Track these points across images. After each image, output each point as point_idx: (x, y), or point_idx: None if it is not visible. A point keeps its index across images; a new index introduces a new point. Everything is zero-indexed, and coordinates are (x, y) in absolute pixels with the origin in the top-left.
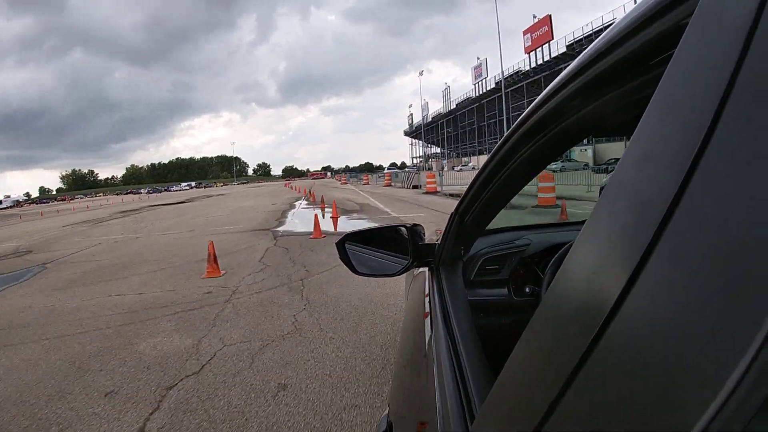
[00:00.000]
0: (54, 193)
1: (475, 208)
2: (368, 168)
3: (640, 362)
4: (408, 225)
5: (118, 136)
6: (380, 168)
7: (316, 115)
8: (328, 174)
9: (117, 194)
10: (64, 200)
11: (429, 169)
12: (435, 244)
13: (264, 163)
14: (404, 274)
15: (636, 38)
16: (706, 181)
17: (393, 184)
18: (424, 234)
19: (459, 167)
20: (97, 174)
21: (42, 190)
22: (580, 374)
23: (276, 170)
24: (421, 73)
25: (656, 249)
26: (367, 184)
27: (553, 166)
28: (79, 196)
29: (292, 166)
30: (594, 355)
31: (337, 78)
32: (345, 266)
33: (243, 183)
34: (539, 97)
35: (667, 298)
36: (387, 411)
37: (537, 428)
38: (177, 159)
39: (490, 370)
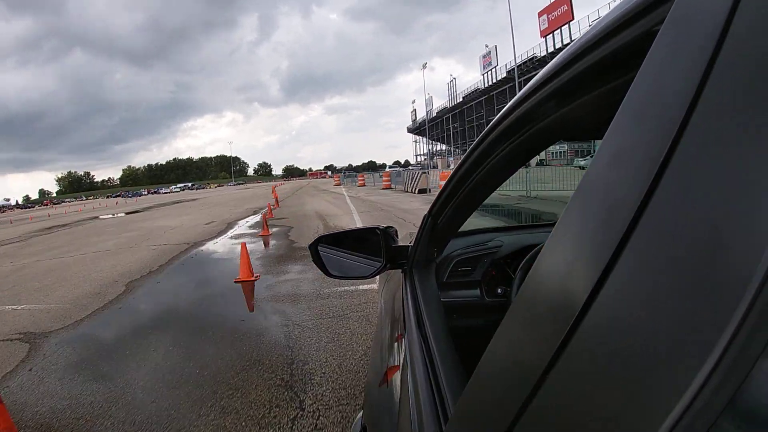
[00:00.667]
0: (54, 195)
1: (448, 210)
2: (371, 167)
3: (610, 360)
4: (381, 227)
5: (120, 137)
6: (383, 167)
7: (320, 114)
8: (329, 173)
9: (108, 197)
10: (47, 205)
11: (434, 167)
12: (408, 246)
13: (265, 163)
14: (378, 277)
15: (609, 43)
16: (675, 182)
17: (393, 186)
18: (397, 236)
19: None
20: (93, 176)
21: (42, 192)
22: (551, 373)
23: (277, 170)
24: (424, 66)
25: (626, 249)
26: (363, 185)
27: (581, 162)
28: (69, 200)
29: (292, 166)
30: (565, 354)
31: (340, 77)
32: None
33: (239, 184)
34: (513, 100)
35: (636, 297)
36: (361, 413)
37: (510, 427)
38: (174, 159)
39: (463, 370)
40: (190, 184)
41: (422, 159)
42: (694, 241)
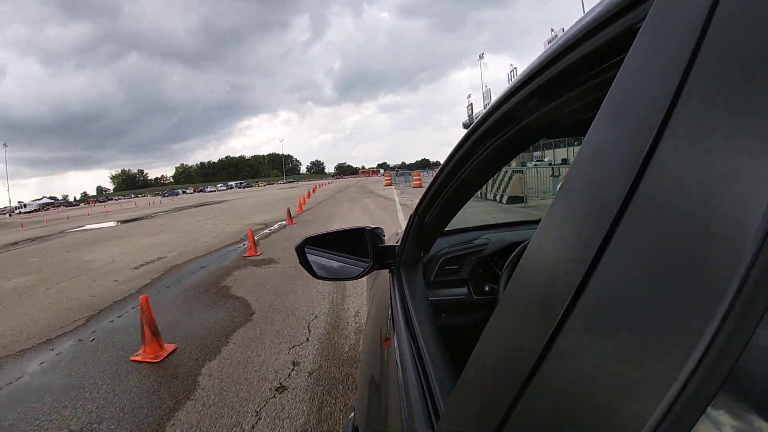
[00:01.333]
0: (111, 191)
1: (435, 209)
2: (424, 164)
3: (598, 355)
4: (368, 227)
5: (177, 136)
6: (437, 165)
7: (373, 113)
8: (381, 171)
9: (156, 194)
10: (90, 204)
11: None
12: (395, 246)
13: (317, 161)
14: (366, 277)
15: (591, 41)
16: (657, 178)
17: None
18: (384, 236)
19: (533, 163)
20: (146, 174)
21: (99, 189)
22: (540, 369)
23: (330, 168)
24: (481, 57)
25: (610, 244)
26: (419, 186)
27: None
28: (117, 197)
29: (344, 164)
30: (553, 349)
31: (392, 75)
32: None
33: (290, 182)
34: (496, 99)
35: (621, 292)
36: (353, 415)
37: (500, 424)
38: (227, 157)
39: (453, 368)
40: (235, 183)
41: None
42: (677, 236)
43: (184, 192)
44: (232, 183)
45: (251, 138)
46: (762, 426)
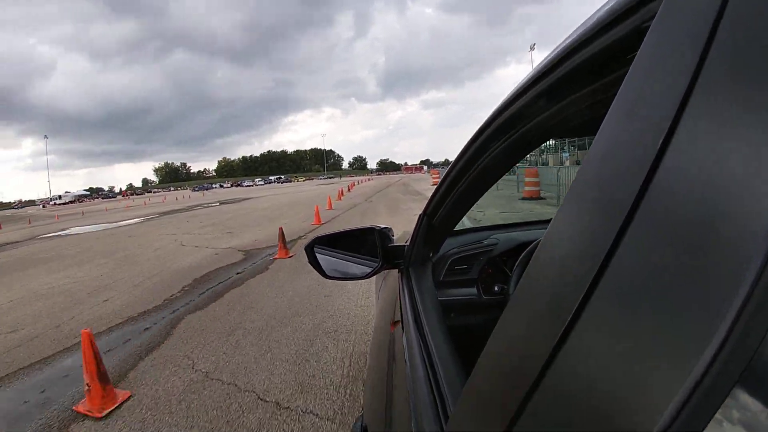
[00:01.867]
0: (156, 183)
1: (444, 209)
2: None
3: (609, 356)
4: (378, 227)
5: (222, 131)
6: None
7: (416, 110)
8: (425, 168)
9: (194, 189)
10: (125, 195)
11: (544, 164)
12: (404, 245)
13: (360, 157)
14: (375, 277)
15: (600, 40)
16: (668, 177)
17: (544, 194)
18: (393, 236)
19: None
20: (189, 167)
21: (144, 181)
22: (550, 370)
23: (372, 164)
24: (532, 48)
25: (621, 244)
26: None
27: None
28: (157, 190)
29: (387, 160)
30: (563, 350)
31: (436, 71)
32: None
33: (330, 177)
34: (505, 98)
35: (633, 292)
36: (361, 414)
37: (510, 425)
38: (269, 152)
39: (462, 369)
40: (274, 178)
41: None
42: (689, 236)
43: (221, 186)
44: (272, 178)
45: (295, 133)
46: None
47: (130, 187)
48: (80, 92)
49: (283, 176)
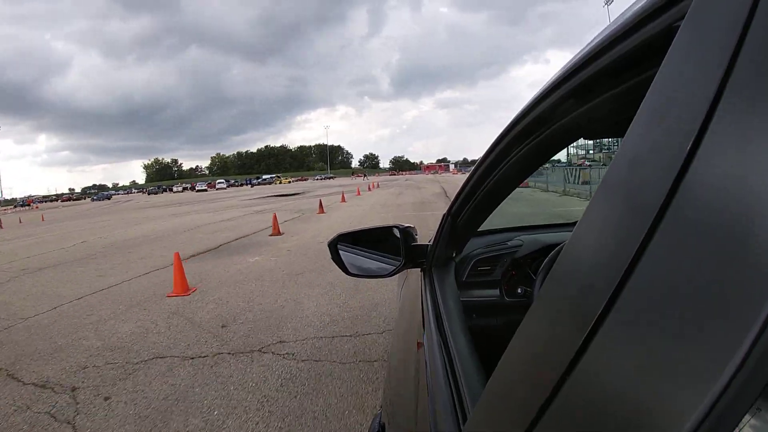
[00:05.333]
0: (143, 183)
1: (468, 209)
2: None
3: (632, 362)
4: (401, 226)
5: (238, 128)
6: None
7: (431, 109)
8: (450, 166)
9: (93, 198)
10: (29, 205)
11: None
12: (427, 245)
13: (371, 154)
14: (397, 275)
15: (629, 40)
16: (698, 182)
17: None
18: (416, 234)
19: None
20: (181, 164)
21: (132, 183)
22: (572, 375)
23: (384, 163)
24: (608, 2)
25: (648, 249)
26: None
27: None
28: (136, 190)
29: (402, 158)
30: (586, 355)
31: (451, 70)
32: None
33: (329, 177)
34: (531, 99)
35: (658, 299)
36: (380, 411)
37: (529, 428)
38: (266, 147)
39: (482, 370)
40: (247, 179)
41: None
42: (718, 241)
43: (167, 190)
44: (252, 178)
45: (310, 131)
46: None
47: (134, 183)
48: (96, 89)
49: (267, 176)
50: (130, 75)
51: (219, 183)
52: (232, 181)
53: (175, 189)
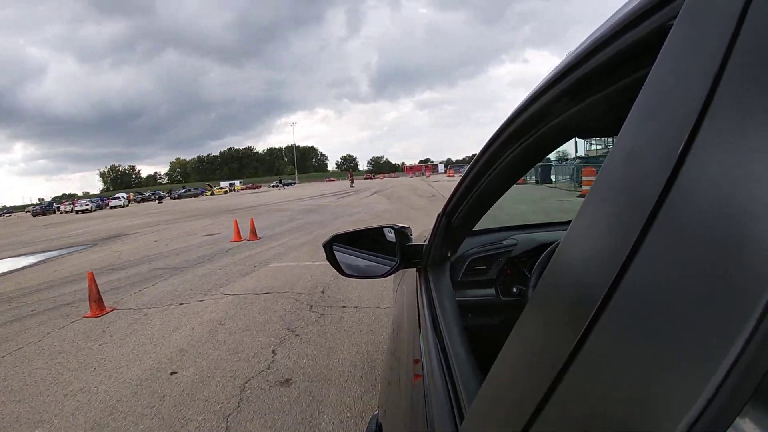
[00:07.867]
0: (100, 191)
1: (463, 209)
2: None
3: (627, 360)
4: (396, 226)
5: (217, 133)
6: None
7: (410, 110)
8: (440, 167)
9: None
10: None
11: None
12: (423, 245)
13: (349, 156)
14: (392, 276)
15: (622, 39)
16: (691, 181)
17: None
18: (411, 234)
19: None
20: (139, 171)
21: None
22: (568, 373)
23: (363, 164)
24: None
25: (642, 248)
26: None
27: None
28: (84, 201)
29: (381, 159)
30: (581, 353)
31: (429, 70)
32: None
33: (287, 185)
34: (525, 98)
35: (654, 296)
36: (377, 412)
37: (526, 427)
38: (229, 150)
39: (478, 370)
40: (164, 193)
41: None
42: (711, 239)
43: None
44: (213, 184)
45: (289, 135)
46: None
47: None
48: (72, 95)
49: (187, 188)
50: (107, 80)
51: (81, 202)
52: (149, 194)
53: (62, 209)
